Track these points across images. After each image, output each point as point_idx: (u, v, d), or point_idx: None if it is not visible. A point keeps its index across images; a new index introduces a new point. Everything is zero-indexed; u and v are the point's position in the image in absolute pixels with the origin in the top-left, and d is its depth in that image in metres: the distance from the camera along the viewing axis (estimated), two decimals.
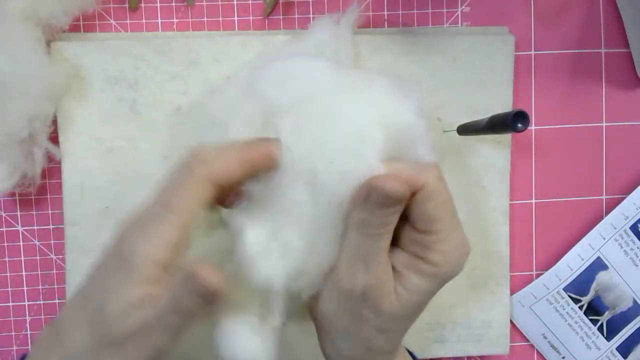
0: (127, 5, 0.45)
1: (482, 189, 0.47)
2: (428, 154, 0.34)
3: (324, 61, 0.36)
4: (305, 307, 0.37)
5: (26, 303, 0.47)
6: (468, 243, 0.33)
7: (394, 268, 0.33)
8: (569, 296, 0.50)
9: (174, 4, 0.46)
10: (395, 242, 0.33)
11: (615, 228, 0.49)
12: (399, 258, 0.33)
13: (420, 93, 0.34)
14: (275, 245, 0.32)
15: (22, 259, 0.47)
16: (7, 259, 0.46)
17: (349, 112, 0.33)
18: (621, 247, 0.50)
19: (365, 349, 0.34)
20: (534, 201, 0.49)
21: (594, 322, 0.50)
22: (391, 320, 0.33)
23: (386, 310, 0.32)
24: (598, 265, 0.50)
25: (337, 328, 0.34)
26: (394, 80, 0.35)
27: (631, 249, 0.50)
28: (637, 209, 0.49)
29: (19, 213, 0.46)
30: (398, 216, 0.32)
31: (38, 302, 0.47)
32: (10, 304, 0.47)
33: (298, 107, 0.33)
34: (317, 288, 0.34)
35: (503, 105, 0.46)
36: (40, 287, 0.47)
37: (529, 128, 0.47)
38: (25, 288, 0.47)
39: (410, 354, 0.40)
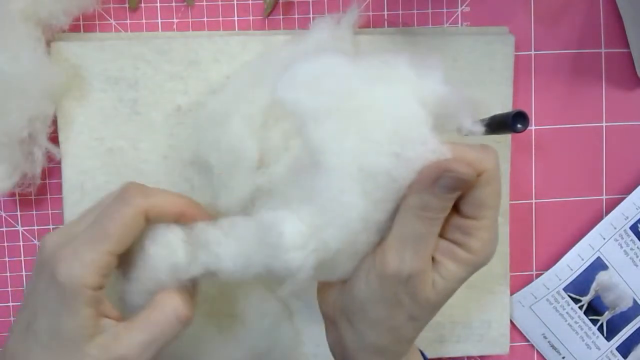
0: (127, 5, 0.45)
1: None
2: (476, 124, 0.34)
3: (341, 57, 0.35)
4: (319, 300, 0.37)
5: None
6: (496, 240, 0.34)
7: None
8: (569, 296, 0.50)
9: (174, 4, 0.46)
10: None
11: (615, 228, 0.49)
12: (437, 245, 0.33)
13: (440, 62, 0.34)
14: (312, 243, 0.32)
15: (22, 259, 0.47)
16: (7, 259, 0.46)
17: (390, 100, 0.33)
18: (621, 247, 0.50)
19: (391, 337, 0.34)
20: (534, 201, 0.49)
21: (594, 322, 0.50)
22: (424, 307, 0.33)
23: (422, 297, 0.33)
24: (598, 265, 0.50)
25: (368, 315, 0.34)
26: (411, 57, 0.34)
27: (631, 249, 0.50)
28: (637, 209, 0.49)
29: (19, 213, 0.46)
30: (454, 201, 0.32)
31: None
32: (10, 304, 0.47)
33: (336, 108, 0.33)
34: (346, 277, 0.35)
35: (503, 105, 0.46)
36: None
37: (529, 128, 0.47)
38: (25, 288, 0.47)
39: (423, 355, 0.40)
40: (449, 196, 0.31)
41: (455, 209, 0.33)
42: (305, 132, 0.33)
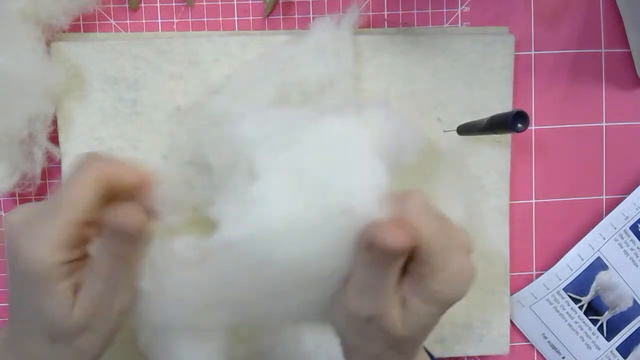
0: (127, 5, 0.45)
1: (482, 189, 0.47)
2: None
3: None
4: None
5: None
6: (470, 267, 0.32)
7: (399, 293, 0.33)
8: (569, 296, 0.50)
9: (174, 4, 0.46)
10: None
11: (615, 228, 0.49)
12: (404, 284, 0.32)
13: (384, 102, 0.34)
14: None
15: None
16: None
17: (343, 153, 0.32)
18: (621, 247, 0.50)
19: None
20: (534, 201, 0.49)
21: (594, 322, 0.50)
22: (399, 340, 0.33)
23: (392, 333, 0.32)
24: (598, 265, 0.50)
25: (347, 343, 0.34)
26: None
27: (631, 249, 0.50)
28: (637, 209, 0.49)
29: None
30: (405, 257, 0.31)
31: None
32: None
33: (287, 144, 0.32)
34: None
35: (503, 105, 0.46)
36: None
37: (529, 128, 0.47)
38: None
39: (429, 354, 0.40)
40: (388, 259, 0.30)
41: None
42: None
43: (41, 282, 0.30)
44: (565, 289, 0.50)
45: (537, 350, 0.51)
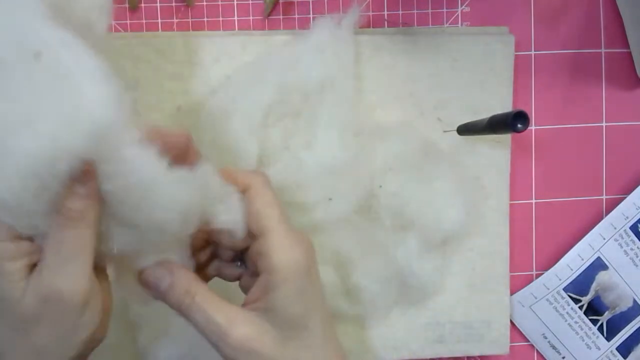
0: (127, 5, 0.45)
1: (482, 189, 0.47)
2: None
3: None
4: None
5: None
6: (302, 243, 0.33)
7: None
8: (569, 296, 0.50)
9: (174, 4, 0.46)
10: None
11: (615, 228, 0.49)
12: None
13: None
14: None
15: None
16: None
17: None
18: (621, 247, 0.50)
19: None
20: (534, 201, 0.49)
21: (594, 322, 0.50)
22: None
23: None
24: (598, 265, 0.50)
25: None
26: None
27: (631, 249, 0.50)
28: (637, 209, 0.49)
29: None
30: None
31: None
32: None
33: None
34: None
35: (503, 105, 0.46)
36: None
37: (529, 128, 0.47)
38: None
39: None
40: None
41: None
42: None
43: None
44: (565, 289, 0.50)
45: (537, 350, 0.51)
